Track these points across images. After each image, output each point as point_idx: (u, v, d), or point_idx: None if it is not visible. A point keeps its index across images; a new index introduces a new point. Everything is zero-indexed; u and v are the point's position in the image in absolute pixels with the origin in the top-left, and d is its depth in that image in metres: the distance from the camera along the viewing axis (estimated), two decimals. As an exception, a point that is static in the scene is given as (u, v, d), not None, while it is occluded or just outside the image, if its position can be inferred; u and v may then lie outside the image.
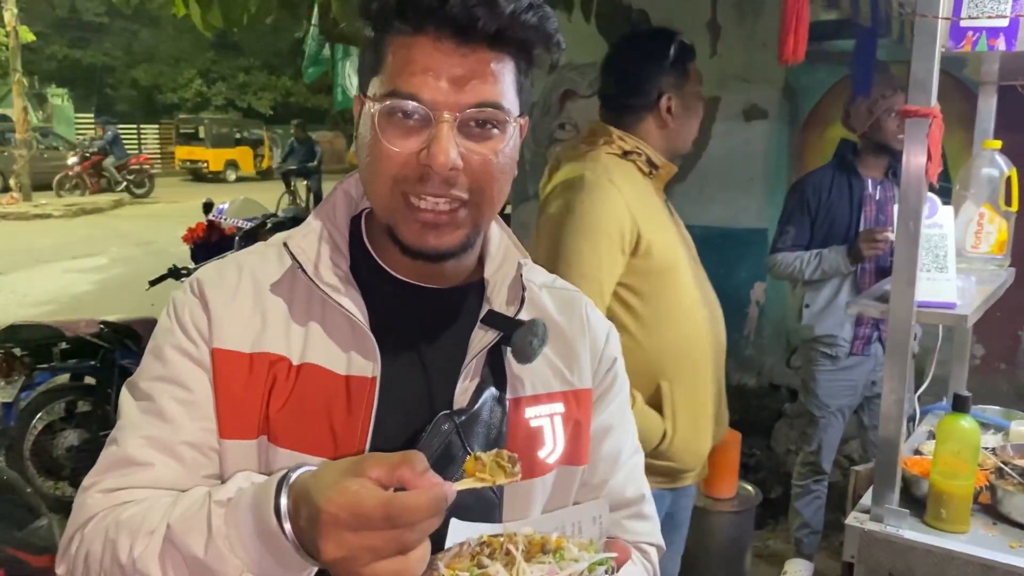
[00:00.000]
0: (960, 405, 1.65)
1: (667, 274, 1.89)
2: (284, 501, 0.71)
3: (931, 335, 2.09)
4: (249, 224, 5.09)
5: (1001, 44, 1.49)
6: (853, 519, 1.66)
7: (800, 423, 3.54)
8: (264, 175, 24.15)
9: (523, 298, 0.99)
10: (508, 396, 0.98)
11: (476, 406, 0.94)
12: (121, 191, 18.13)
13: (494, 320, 0.97)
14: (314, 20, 5.99)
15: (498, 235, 1.05)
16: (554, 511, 0.93)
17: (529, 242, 1.62)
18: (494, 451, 0.76)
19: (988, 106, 2.23)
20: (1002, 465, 1.81)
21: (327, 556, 0.67)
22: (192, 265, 5.36)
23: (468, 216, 0.92)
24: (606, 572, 0.75)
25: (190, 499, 0.81)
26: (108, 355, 4.00)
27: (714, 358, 1.97)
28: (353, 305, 0.92)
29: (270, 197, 10.27)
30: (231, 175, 23.19)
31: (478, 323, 0.97)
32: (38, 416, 3.94)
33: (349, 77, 7.09)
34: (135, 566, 0.79)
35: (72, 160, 17.83)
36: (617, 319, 1.83)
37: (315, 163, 14.17)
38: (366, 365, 0.92)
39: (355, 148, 0.96)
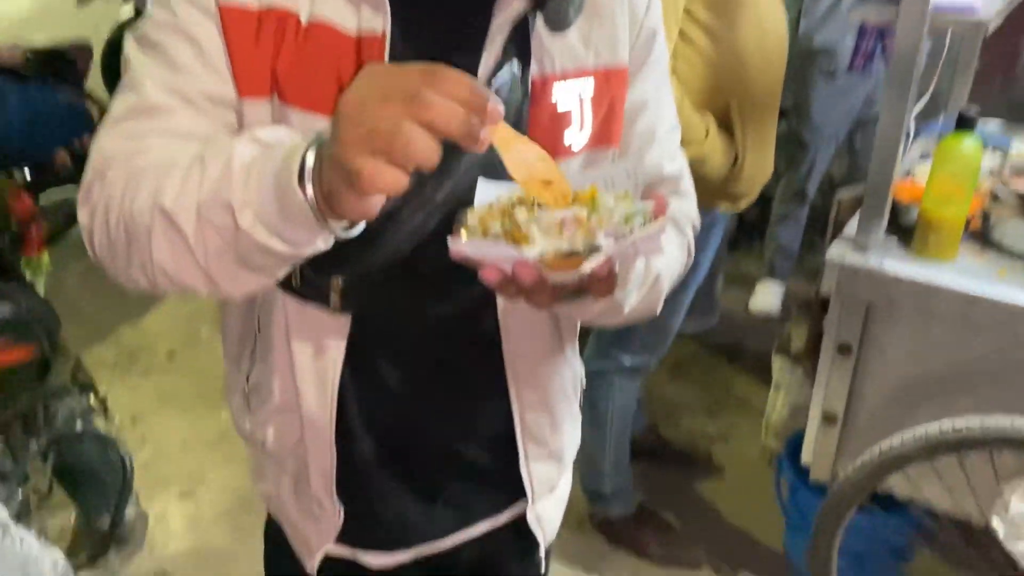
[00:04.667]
0: (965, 123, 1.48)
1: None
2: (311, 157, 0.68)
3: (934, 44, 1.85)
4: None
5: None
6: (834, 251, 1.54)
7: (789, 148, 3.35)
8: None
9: None
10: (535, 74, 0.88)
11: (494, 86, 0.85)
12: None
13: None
14: None
15: None
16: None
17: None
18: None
19: None
20: (1000, 187, 1.67)
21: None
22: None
23: None
24: (644, 222, 0.68)
25: (226, 138, 0.78)
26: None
27: (778, 78, 1.82)
28: None
29: None
30: None
31: None
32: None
33: None
34: (157, 206, 0.76)
35: None
36: (683, 31, 1.66)
37: None
38: (375, 18, 0.84)
39: None
